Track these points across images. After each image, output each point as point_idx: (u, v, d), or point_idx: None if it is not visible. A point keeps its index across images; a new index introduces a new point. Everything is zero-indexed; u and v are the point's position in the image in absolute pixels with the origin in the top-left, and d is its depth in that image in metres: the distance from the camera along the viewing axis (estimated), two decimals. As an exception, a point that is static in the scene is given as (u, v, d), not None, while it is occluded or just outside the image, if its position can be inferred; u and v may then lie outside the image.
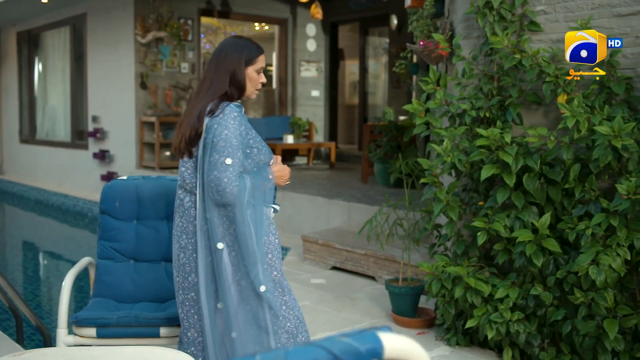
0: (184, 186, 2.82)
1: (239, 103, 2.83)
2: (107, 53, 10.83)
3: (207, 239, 2.71)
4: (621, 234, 3.32)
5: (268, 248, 2.79)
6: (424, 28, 5.58)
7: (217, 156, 2.61)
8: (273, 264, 2.81)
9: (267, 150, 2.84)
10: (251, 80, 2.82)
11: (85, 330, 3.20)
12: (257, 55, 2.84)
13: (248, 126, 2.76)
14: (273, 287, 2.78)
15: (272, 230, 2.84)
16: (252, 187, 2.66)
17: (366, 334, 0.92)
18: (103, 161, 10.98)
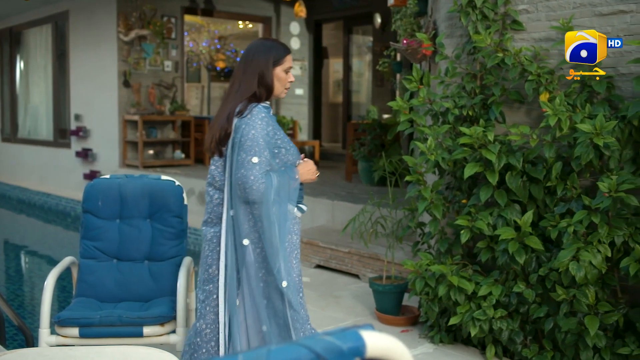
0: (214, 183, 2.89)
1: (267, 104, 2.88)
2: (90, 51, 10.75)
3: (232, 235, 2.78)
4: (602, 231, 3.35)
5: (291, 247, 2.84)
6: (407, 27, 5.59)
7: (245, 155, 2.69)
8: (292, 265, 2.85)
9: (294, 150, 2.89)
10: (280, 79, 2.89)
11: (67, 330, 3.18)
12: (285, 55, 2.90)
13: (276, 127, 2.82)
14: (295, 284, 2.84)
15: (296, 230, 2.89)
16: (279, 185, 2.73)
17: (348, 333, 0.92)
18: (86, 160, 10.91)
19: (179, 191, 3.70)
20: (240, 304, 2.79)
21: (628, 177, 3.27)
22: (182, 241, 3.69)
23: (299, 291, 2.89)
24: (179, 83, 10.77)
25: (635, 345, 3.39)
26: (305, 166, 2.91)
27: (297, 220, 2.88)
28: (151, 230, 3.68)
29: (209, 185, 2.91)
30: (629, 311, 3.49)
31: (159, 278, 3.60)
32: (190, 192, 8.71)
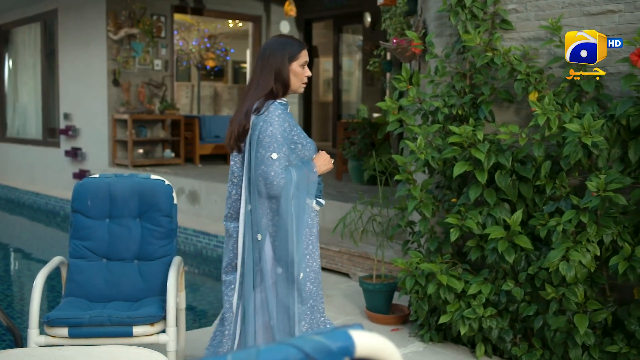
0: (233, 179, 2.97)
1: (284, 101, 2.94)
2: (79, 50, 10.71)
3: (250, 229, 2.84)
4: (591, 230, 3.37)
5: (309, 239, 2.88)
6: (397, 26, 5.60)
7: (264, 151, 2.75)
8: (313, 255, 2.90)
9: (311, 145, 2.94)
10: (296, 75, 2.93)
11: (57, 330, 3.17)
12: (300, 50, 2.94)
13: (292, 123, 2.88)
14: (314, 277, 2.89)
15: (315, 223, 2.94)
16: (298, 180, 2.80)
17: (338, 332, 0.92)
18: (75, 159, 10.87)
19: (168, 190, 3.69)
20: (253, 298, 2.85)
21: (616, 176, 3.29)
22: (172, 240, 3.68)
23: (318, 282, 2.94)
24: (168, 82, 10.74)
25: (623, 343, 3.41)
26: (320, 158, 2.97)
27: (315, 213, 2.95)
28: (141, 230, 3.67)
29: (228, 181, 3.00)
30: (618, 309, 3.50)
31: (148, 278, 3.59)
32: (180, 191, 8.69)
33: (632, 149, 3.38)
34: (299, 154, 2.87)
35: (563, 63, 3.71)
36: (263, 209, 2.79)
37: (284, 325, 2.82)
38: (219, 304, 5.56)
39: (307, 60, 2.97)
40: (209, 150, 11.13)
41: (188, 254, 7.65)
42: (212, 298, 6.16)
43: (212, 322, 4.71)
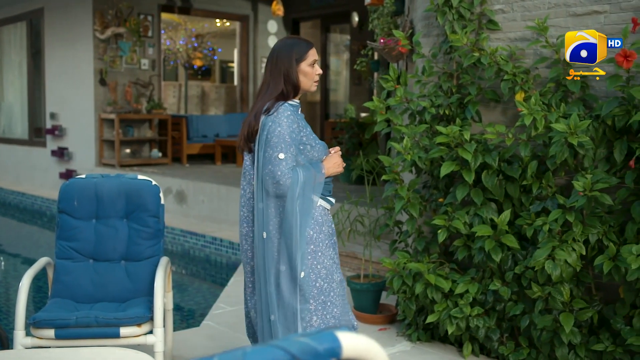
0: (245, 178, 3.02)
1: (296, 102, 2.97)
2: (65, 49, 10.65)
3: (260, 227, 2.89)
4: (577, 230, 3.39)
5: (318, 237, 2.90)
6: (384, 26, 5.61)
7: (271, 151, 2.79)
8: (325, 252, 2.92)
9: (320, 147, 2.97)
10: (306, 75, 2.97)
11: (43, 331, 3.15)
12: (307, 50, 2.98)
13: (302, 124, 2.91)
14: (325, 273, 2.91)
15: (327, 221, 2.97)
16: (304, 180, 2.83)
17: (324, 334, 0.93)
18: (62, 159, 10.81)
19: (155, 191, 3.68)
20: (261, 294, 2.91)
21: (602, 176, 3.31)
22: (159, 241, 3.67)
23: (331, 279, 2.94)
24: (155, 81, 10.70)
25: (609, 342, 3.43)
26: (330, 160, 3.00)
27: (326, 212, 2.98)
28: (128, 230, 3.65)
29: (242, 180, 3.04)
30: (603, 308, 3.53)
31: (135, 278, 3.58)
32: (168, 191, 8.66)
33: (617, 148, 3.40)
34: (307, 155, 2.90)
35: (549, 63, 3.73)
36: (270, 208, 2.84)
37: (287, 323, 2.85)
38: (206, 304, 5.55)
39: (317, 58, 3.00)
40: (197, 150, 11.10)
41: (175, 254, 7.63)
42: (199, 298, 6.15)
43: (199, 322, 4.71)
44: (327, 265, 2.92)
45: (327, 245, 2.94)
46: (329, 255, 2.95)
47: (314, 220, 2.89)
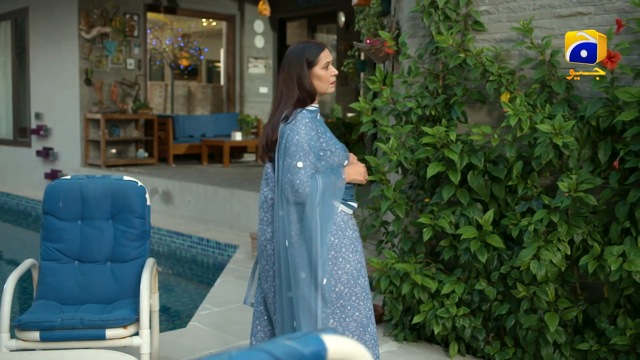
0: (268, 184, 3.00)
1: (313, 107, 2.95)
2: (51, 49, 10.59)
3: (281, 235, 2.87)
4: (562, 230, 3.41)
5: (342, 242, 2.88)
6: (370, 26, 5.61)
7: (290, 160, 2.78)
8: (346, 258, 2.89)
9: (341, 152, 2.94)
10: (320, 78, 2.93)
11: (28, 334, 3.13)
12: (318, 53, 2.93)
13: (322, 130, 2.90)
14: (347, 279, 2.88)
15: (351, 225, 2.96)
16: (324, 187, 2.81)
17: (310, 337, 0.93)
18: (47, 159, 10.75)
19: (141, 192, 3.67)
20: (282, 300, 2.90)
21: (587, 176, 3.33)
22: (145, 242, 3.66)
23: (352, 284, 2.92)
24: (142, 81, 10.66)
25: (594, 341, 3.46)
26: (354, 168, 2.98)
27: (350, 216, 2.97)
28: (113, 232, 3.64)
29: (265, 186, 3.01)
30: (588, 307, 3.55)
31: (121, 280, 3.57)
32: (154, 191, 8.64)
33: (601, 149, 3.42)
34: (328, 161, 2.89)
35: (534, 64, 3.75)
36: (292, 215, 2.83)
37: (310, 329, 2.82)
38: (193, 305, 5.54)
39: (330, 60, 2.95)
40: (183, 150, 11.08)
41: (162, 254, 7.61)
42: (186, 299, 6.13)
43: (186, 323, 4.70)
44: (348, 270, 2.89)
45: (350, 250, 2.91)
46: (353, 260, 2.92)
47: (336, 226, 2.88)
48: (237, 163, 11.28)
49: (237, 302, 5.07)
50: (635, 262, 3.12)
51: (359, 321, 2.92)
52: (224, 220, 7.74)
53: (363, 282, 2.96)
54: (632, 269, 3.11)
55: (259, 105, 12.67)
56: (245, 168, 10.43)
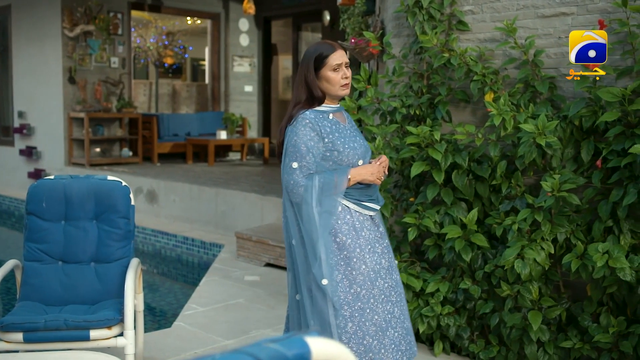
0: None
1: (324, 108, 2.94)
2: (33, 47, 10.51)
3: (288, 235, 2.92)
4: (545, 229, 3.43)
5: (355, 243, 2.86)
6: (355, 25, 5.62)
7: (287, 160, 2.85)
8: (362, 258, 2.87)
9: (351, 152, 2.90)
10: (329, 80, 2.90)
11: (11, 335, 3.11)
12: (327, 55, 2.91)
13: (328, 130, 2.87)
14: (362, 279, 2.86)
15: (368, 226, 2.93)
16: (321, 187, 2.81)
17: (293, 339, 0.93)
18: (30, 158, 10.67)
19: (125, 192, 3.65)
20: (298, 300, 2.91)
21: (570, 176, 3.35)
22: (130, 242, 3.64)
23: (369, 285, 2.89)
24: (126, 80, 10.61)
25: (577, 339, 3.49)
26: (364, 168, 2.91)
27: (367, 217, 2.94)
28: (97, 232, 3.62)
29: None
30: (571, 305, 3.58)
31: (105, 280, 3.55)
32: (138, 190, 8.60)
33: (584, 149, 3.45)
34: (335, 161, 2.87)
35: (518, 64, 3.77)
36: (293, 215, 2.86)
37: (322, 329, 2.81)
38: (178, 305, 5.53)
39: (341, 62, 2.90)
40: (168, 149, 11.04)
41: (147, 253, 7.58)
42: (171, 298, 6.12)
43: (171, 323, 4.68)
44: (364, 272, 2.86)
45: (367, 251, 2.89)
46: (370, 261, 2.89)
47: (349, 227, 2.86)
48: (222, 162, 11.25)
49: (222, 302, 5.06)
50: (619, 259, 3.16)
51: (378, 325, 2.88)
52: (209, 219, 7.73)
53: (382, 285, 2.92)
54: (617, 266, 3.14)
55: (244, 103, 12.64)
56: (231, 167, 10.41)
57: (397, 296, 2.99)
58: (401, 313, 3.00)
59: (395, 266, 3.04)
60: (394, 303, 2.96)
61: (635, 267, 3.20)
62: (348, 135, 2.93)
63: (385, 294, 2.93)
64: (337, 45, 2.96)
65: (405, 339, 2.99)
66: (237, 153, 11.99)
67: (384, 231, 3.04)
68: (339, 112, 3.00)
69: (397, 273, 3.04)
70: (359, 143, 2.96)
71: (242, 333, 4.41)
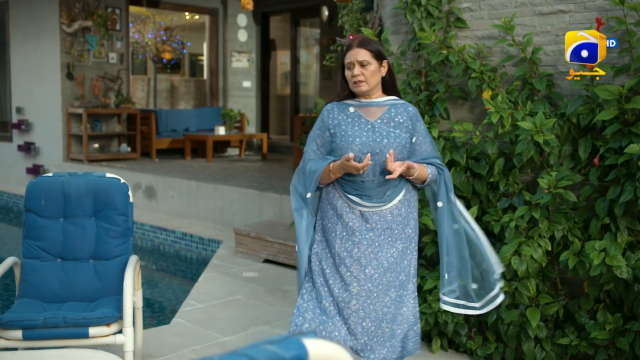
0: None
1: (349, 102, 3.02)
2: (31, 42, 10.49)
3: None
4: (542, 226, 3.44)
5: (334, 227, 2.98)
6: (353, 22, 5.61)
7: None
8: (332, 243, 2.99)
9: (345, 145, 2.92)
10: (346, 78, 3.00)
11: (10, 332, 3.12)
12: (344, 54, 3.00)
13: (336, 122, 2.98)
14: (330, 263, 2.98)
15: (352, 218, 2.95)
16: (300, 168, 3.03)
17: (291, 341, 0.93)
18: (28, 154, 10.66)
19: (124, 189, 3.66)
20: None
21: (567, 173, 3.37)
22: (128, 240, 3.65)
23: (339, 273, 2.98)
24: (124, 75, 10.60)
25: (574, 336, 3.50)
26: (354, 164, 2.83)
27: (352, 209, 2.96)
28: (96, 229, 3.63)
29: None
30: (569, 302, 3.60)
31: (104, 277, 3.56)
32: (137, 186, 8.60)
33: (582, 146, 3.46)
34: (339, 151, 2.95)
35: (516, 62, 3.78)
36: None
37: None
38: (176, 300, 5.54)
39: (351, 60, 2.93)
40: (166, 145, 11.03)
41: (145, 249, 7.59)
42: (169, 294, 6.13)
43: (169, 319, 4.70)
44: (333, 255, 2.96)
45: (340, 237, 2.95)
46: (339, 248, 2.94)
47: (334, 212, 2.98)
48: (220, 157, 11.25)
49: (220, 298, 5.07)
50: (616, 257, 3.17)
51: (326, 307, 2.94)
52: (207, 215, 7.73)
53: (344, 272, 2.93)
54: (614, 264, 3.15)
55: (242, 99, 12.64)
56: (229, 163, 10.41)
57: (367, 293, 2.93)
58: (366, 313, 2.94)
59: (393, 269, 2.96)
60: (354, 295, 2.93)
61: (631, 264, 3.21)
62: (363, 129, 2.93)
63: (345, 282, 2.94)
64: (355, 43, 2.98)
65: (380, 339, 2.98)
66: (236, 149, 11.99)
67: (380, 227, 2.94)
68: (367, 107, 2.98)
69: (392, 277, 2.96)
70: (372, 139, 2.91)
71: (241, 329, 4.42)
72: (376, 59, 2.94)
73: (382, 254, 2.94)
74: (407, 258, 3.01)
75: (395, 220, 2.96)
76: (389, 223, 2.95)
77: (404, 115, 2.98)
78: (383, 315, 2.97)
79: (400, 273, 2.99)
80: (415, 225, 3.06)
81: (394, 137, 2.91)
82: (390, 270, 2.96)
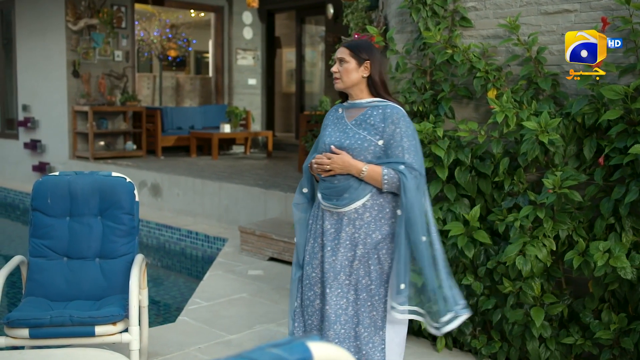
0: None
1: (345, 104, 3.05)
2: (37, 40, 10.52)
3: None
4: (547, 226, 3.44)
5: (313, 227, 3.05)
6: (358, 20, 5.61)
7: None
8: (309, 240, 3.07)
9: (322, 145, 2.99)
10: None
11: (17, 331, 3.14)
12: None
13: (327, 123, 3.06)
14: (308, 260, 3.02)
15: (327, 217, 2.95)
16: (304, 170, 3.14)
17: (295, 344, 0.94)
18: (34, 151, 10.70)
19: (130, 188, 3.67)
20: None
21: (572, 173, 3.36)
22: (134, 238, 3.67)
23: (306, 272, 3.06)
24: (129, 73, 10.62)
25: (578, 335, 3.50)
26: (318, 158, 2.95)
27: (321, 209, 2.99)
28: (102, 228, 3.64)
29: None
30: (573, 302, 3.60)
31: (110, 276, 3.58)
32: (142, 184, 8.62)
33: (587, 146, 3.46)
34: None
35: (521, 61, 3.78)
36: None
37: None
38: (182, 298, 5.56)
39: (339, 56, 2.96)
40: (171, 142, 11.05)
41: (151, 247, 7.61)
42: (175, 292, 6.14)
43: (175, 317, 4.71)
44: (307, 253, 3.04)
45: (314, 237, 3.01)
46: (311, 247, 3.02)
47: (315, 213, 3.05)
48: (225, 155, 11.26)
49: (226, 297, 5.09)
50: (620, 258, 3.17)
51: (296, 306, 3.05)
52: (213, 213, 7.75)
53: (309, 272, 2.98)
54: (618, 265, 3.15)
55: (248, 97, 12.64)
56: (234, 160, 10.42)
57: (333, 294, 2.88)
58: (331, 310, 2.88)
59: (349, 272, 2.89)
60: (317, 295, 2.96)
61: (636, 265, 3.21)
62: (337, 130, 2.97)
63: (310, 282, 3.00)
64: (343, 42, 3.07)
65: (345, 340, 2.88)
66: (241, 146, 11.99)
67: (338, 229, 2.90)
68: (351, 109, 2.98)
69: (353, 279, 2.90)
70: (338, 139, 2.91)
71: (246, 328, 4.43)
72: (354, 57, 2.91)
73: (338, 255, 2.89)
74: (372, 263, 2.90)
75: (355, 225, 2.87)
76: (349, 226, 2.88)
77: (378, 117, 2.87)
78: (336, 318, 2.87)
79: (364, 277, 2.89)
80: (388, 232, 2.89)
81: (356, 139, 2.86)
82: (346, 273, 2.89)
